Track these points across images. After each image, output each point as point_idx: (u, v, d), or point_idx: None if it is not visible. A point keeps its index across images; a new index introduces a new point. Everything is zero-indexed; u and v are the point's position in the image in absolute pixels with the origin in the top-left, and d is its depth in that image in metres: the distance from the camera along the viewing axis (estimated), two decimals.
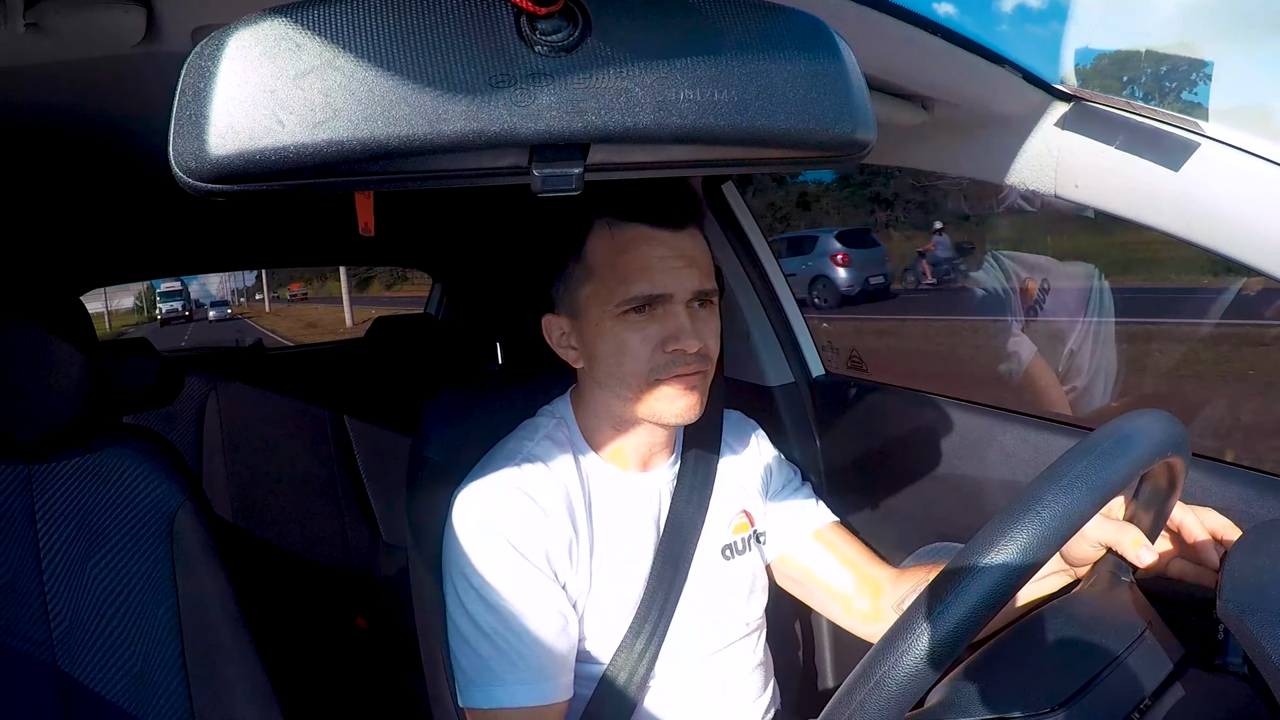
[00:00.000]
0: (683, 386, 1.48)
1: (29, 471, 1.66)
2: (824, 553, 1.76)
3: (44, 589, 1.64)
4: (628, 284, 1.45)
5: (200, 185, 0.64)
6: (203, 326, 41.42)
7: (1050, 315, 3.11)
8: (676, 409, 1.49)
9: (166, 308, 49.91)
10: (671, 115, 0.69)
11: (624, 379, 1.49)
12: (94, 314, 2.37)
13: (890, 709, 0.84)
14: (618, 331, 1.46)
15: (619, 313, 1.46)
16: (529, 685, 1.43)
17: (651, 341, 1.46)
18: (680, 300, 1.46)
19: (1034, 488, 0.91)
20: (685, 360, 1.46)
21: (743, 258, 2.34)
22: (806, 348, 2.38)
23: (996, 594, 0.85)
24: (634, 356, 1.46)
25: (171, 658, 1.69)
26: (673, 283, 1.45)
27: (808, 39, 0.76)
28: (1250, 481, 1.49)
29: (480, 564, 1.45)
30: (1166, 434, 1.04)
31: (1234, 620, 0.95)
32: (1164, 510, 1.23)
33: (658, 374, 1.47)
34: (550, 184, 0.71)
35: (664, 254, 1.46)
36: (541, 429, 1.62)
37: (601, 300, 1.47)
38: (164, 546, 1.70)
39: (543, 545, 1.47)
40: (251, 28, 0.63)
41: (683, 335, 1.45)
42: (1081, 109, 1.43)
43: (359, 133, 0.63)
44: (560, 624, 1.48)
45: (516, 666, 1.43)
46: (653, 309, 1.46)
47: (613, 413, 1.57)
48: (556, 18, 0.67)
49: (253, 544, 3.56)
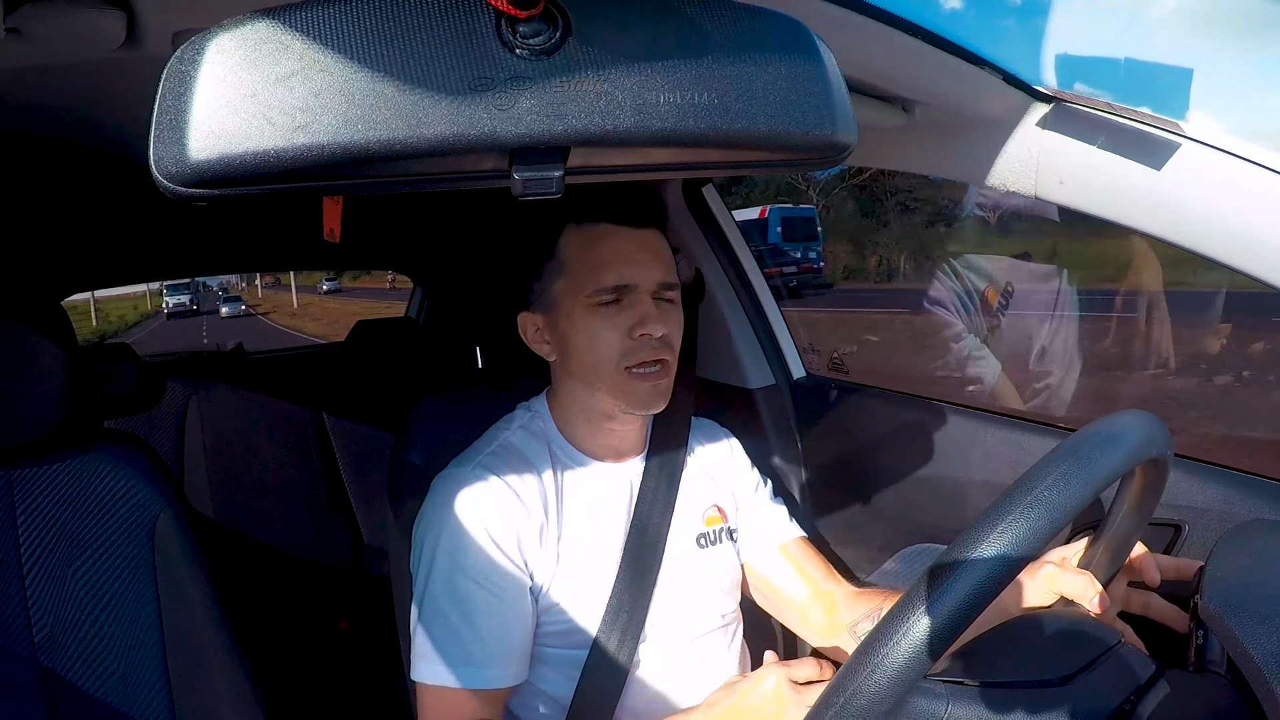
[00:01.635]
0: (649, 378, 1.56)
1: (10, 477, 1.65)
2: (786, 566, 1.79)
3: (25, 595, 1.64)
4: (598, 275, 1.54)
5: (181, 190, 0.64)
6: (216, 325, 38.49)
7: (1015, 318, 3.12)
8: (643, 398, 1.57)
9: (173, 301, 48.72)
10: (652, 118, 0.69)
11: (596, 367, 1.57)
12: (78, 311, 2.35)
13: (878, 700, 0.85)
14: (590, 321, 1.55)
15: (591, 303, 1.54)
16: (476, 668, 1.45)
17: (621, 329, 1.54)
18: (645, 290, 1.56)
19: (1021, 484, 0.92)
20: (651, 345, 1.55)
21: (723, 260, 2.34)
22: (788, 350, 2.38)
23: (979, 594, 0.85)
24: (606, 343, 1.54)
25: (154, 662, 1.68)
26: (639, 274, 1.55)
27: (788, 41, 0.76)
28: (1231, 481, 1.50)
29: (448, 546, 1.50)
30: (1151, 434, 1.04)
31: (1215, 619, 0.96)
32: (1124, 547, 1.25)
33: (627, 360, 1.55)
34: (531, 187, 0.71)
35: (631, 248, 1.57)
36: (517, 420, 1.70)
37: (574, 292, 1.56)
38: (145, 551, 1.70)
39: (514, 529, 1.52)
40: (231, 32, 0.63)
41: (649, 320, 1.54)
42: (1062, 110, 1.44)
43: (339, 137, 0.63)
44: (517, 613, 1.52)
45: (468, 650, 1.46)
46: (621, 299, 1.55)
47: (584, 404, 1.63)
48: (537, 21, 0.67)
49: (234, 548, 3.55)
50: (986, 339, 3.17)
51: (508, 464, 1.58)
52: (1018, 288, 3.25)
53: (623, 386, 1.56)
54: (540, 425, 1.68)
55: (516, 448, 1.62)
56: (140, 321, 50.35)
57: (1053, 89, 1.44)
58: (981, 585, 0.85)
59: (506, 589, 1.50)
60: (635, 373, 1.55)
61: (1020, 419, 1.85)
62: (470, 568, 1.48)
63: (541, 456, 1.62)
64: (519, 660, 1.51)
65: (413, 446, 1.76)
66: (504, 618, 1.49)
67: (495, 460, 1.58)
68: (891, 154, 1.75)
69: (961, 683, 0.98)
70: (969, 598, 0.84)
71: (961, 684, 0.97)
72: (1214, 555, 1.09)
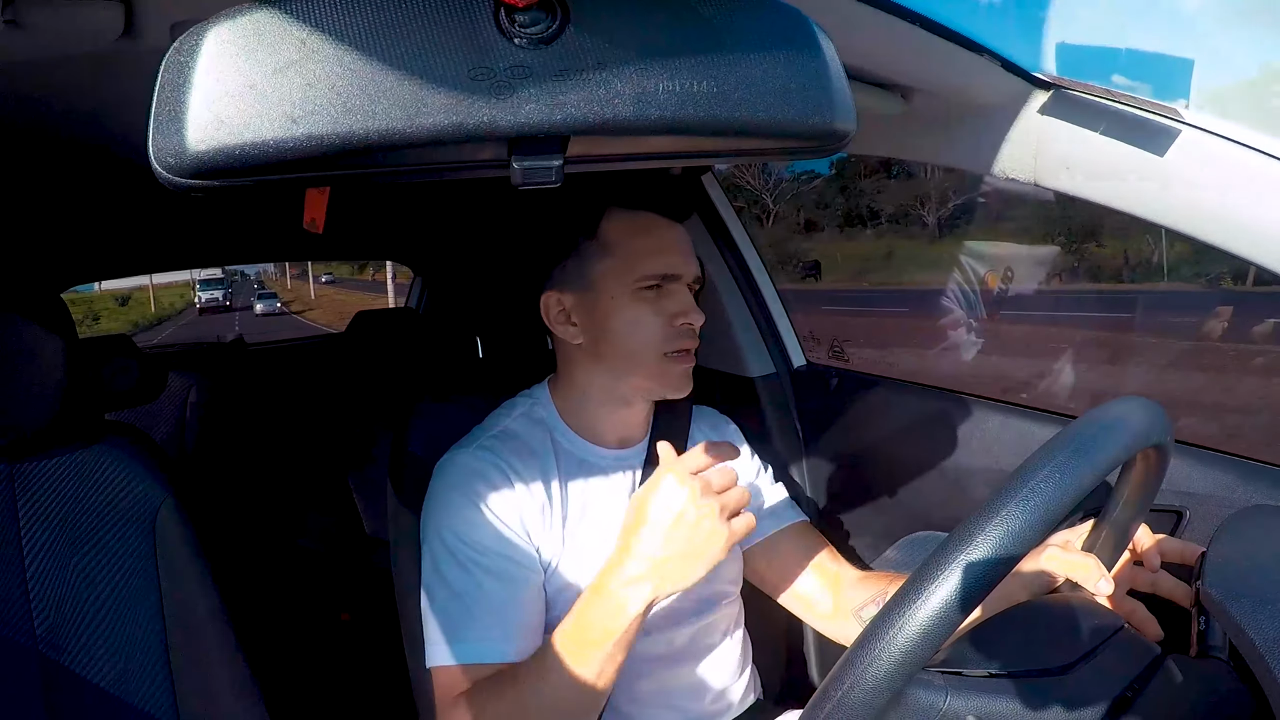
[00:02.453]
0: (683, 364, 1.61)
1: (10, 470, 1.65)
2: (788, 552, 1.79)
3: (27, 587, 1.64)
4: (648, 262, 1.58)
5: (180, 181, 0.64)
6: (249, 325, 34.65)
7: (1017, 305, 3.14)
8: (674, 384, 1.61)
9: (206, 296, 47.72)
10: (651, 107, 0.69)
11: (634, 351, 1.59)
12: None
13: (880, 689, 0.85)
14: (634, 305, 1.58)
15: (636, 288, 1.57)
16: (493, 643, 1.44)
17: (664, 315, 1.58)
18: (686, 281, 1.62)
19: (1020, 474, 0.91)
20: (689, 334, 1.60)
21: (723, 249, 2.34)
22: (788, 338, 2.38)
23: (977, 586, 0.85)
24: (649, 328, 1.58)
25: (155, 654, 1.69)
26: (683, 266, 1.61)
27: (786, 29, 0.76)
28: (1232, 467, 1.50)
29: (455, 522, 1.51)
30: (1150, 422, 1.04)
31: (1216, 605, 0.96)
32: (1128, 531, 1.24)
33: (668, 346, 1.58)
34: (530, 177, 0.71)
35: (675, 240, 1.63)
36: (519, 407, 1.71)
37: (618, 275, 1.58)
38: (147, 543, 1.70)
39: (517, 507, 1.54)
40: (229, 23, 0.63)
41: (691, 311, 1.59)
42: (1061, 97, 1.43)
43: (338, 127, 0.63)
44: (528, 588, 1.52)
45: (483, 624, 1.45)
46: (664, 287, 1.59)
47: (602, 388, 1.65)
48: (535, 10, 0.67)
49: (235, 540, 3.55)
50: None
51: (509, 447, 1.59)
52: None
53: (661, 369, 1.59)
54: (541, 412, 1.69)
55: (517, 433, 1.64)
56: (183, 310, 49.79)
57: (1052, 75, 1.44)
58: (979, 576, 0.85)
59: (516, 562, 1.50)
60: (672, 356, 1.59)
61: (1021, 406, 1.85)
62: (477, 544, 1.49)
63: (543, 442, 1.63)
64: (532, 635, 1.50)
65: (413, 436, 1.76)
66: (515, 591, 1.49)
67: (496, 443, 1.60)
68: (890, 141, 1.75)
69: (960, 673, 0.97)
70: (966, 589, 0.84)
71: (960, 675, 0.97)
72: (1215, 541, 1.09)
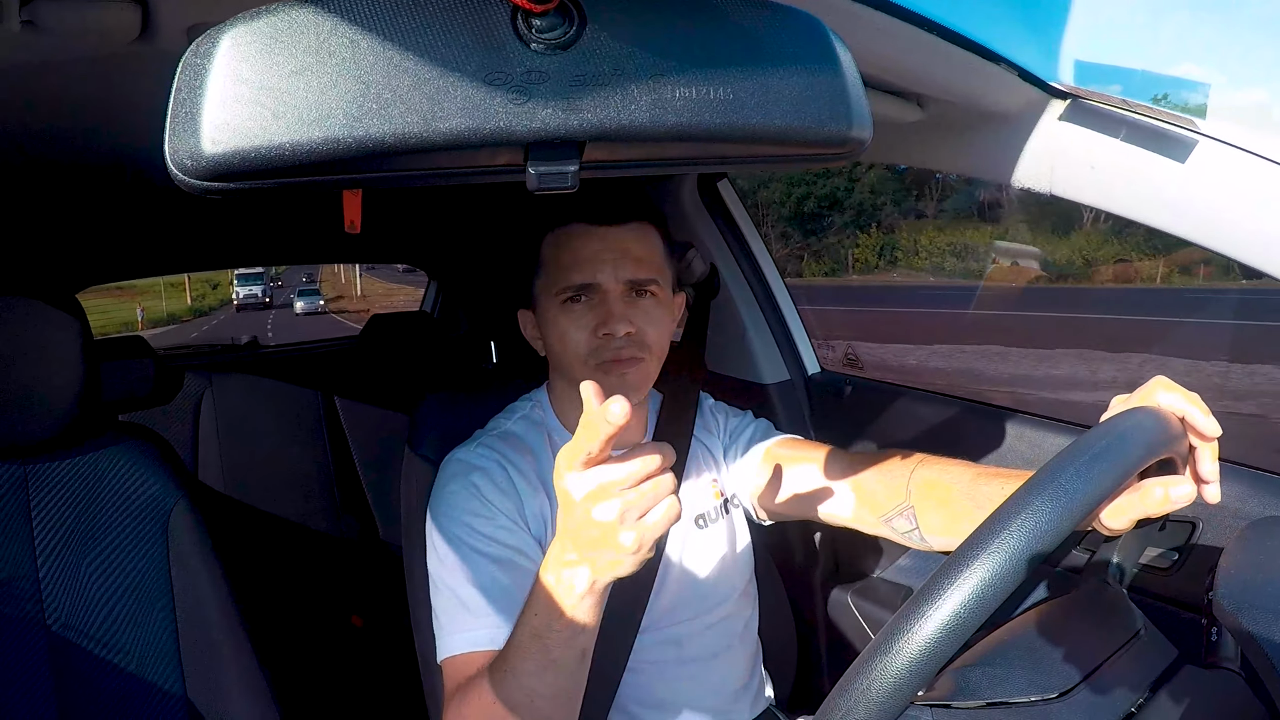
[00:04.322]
0: (616, 373, 1.57)
1: (24, 471, 1.66)
2: (785, 462, 1.72)
3: (40, 588, 1.64)
4: (565, 274, 1.58)
5: (196, 183, 0.64)
6: (284, 327, 32.90)
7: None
8: (611, 392, 1.52)
9: (244, 292, 46.43)
10: (667, 113, 0.69)
11: (569, 363, 1.60)
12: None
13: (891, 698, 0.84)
14: (559, 319, 1.59)
15: (559, 301, 1.58)
16: (498, 629, 1.43)
17: (586, 328, 1.57)
18: (613, 290, 1.58)
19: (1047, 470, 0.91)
20: (617, 344, 1.56)
21: (738, 255, 2.34)
22: (802, 345, 2.39)
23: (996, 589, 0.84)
24: (573, 341, 1.58)
25: (167, 654, 1.69)
26: (602, 273, 1.57)
27: (803, 36, 0.76)
28: (1245, 479, 1.49)
29: (459, 513, 1.52)
30: (1163, 432, 1.03)
31: (1228, 616, 0.96)
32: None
33: (596, 358, 1.57)
34: (546, 182, 0.71)
35: (598, 248, 1.58)
36: (519, 410, 1.75)
37: (546, 290, 1.61)
38: (159, 544, 1.70)
39: (515, 502, 1.56)
40: (246, 25, 0.63)
41: (611, 320, 1.55)
42: (1078, 106, 1.43)
43: (354, 130, 0.63)
44: (531, 571, 1.48)
45: (493, 610, 1.45)
46: (588, 298, 1.58)
47: (571, 395, 1.63)
48: (552, 15, 0.67)
49: (248, 541, 3.56)
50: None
51: (509, 446, 1.62)
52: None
53: (591, 380, 1.55)
54: (540, 414, 1.72)
55: (517, 435, 1.67)
56: (219, 307, 49.37)
57: (1068, 85, 1.43)
58: (996, 580, 0.84)
59: (519, 551, 1.51)
60: (603, 369, 1.57)
61: (1035, 415, 1.85)
62: (480, 534, 1.50)
63: (541, 444, 1.66)
64: None
65: (423, 439, 1.76)
66: (520, 579, 1.47)
67: (497, 442, 1.63)
68: (906, 149, 1.75)
69: (949, 706, 0.96)
70: (982, 593, 0.84)
71: (949, 707, 0.96)
72: (1228, 552, 1.09)
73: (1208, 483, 1.10)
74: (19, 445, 1.64)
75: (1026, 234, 22.45)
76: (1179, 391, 1.11)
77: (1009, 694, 0.97)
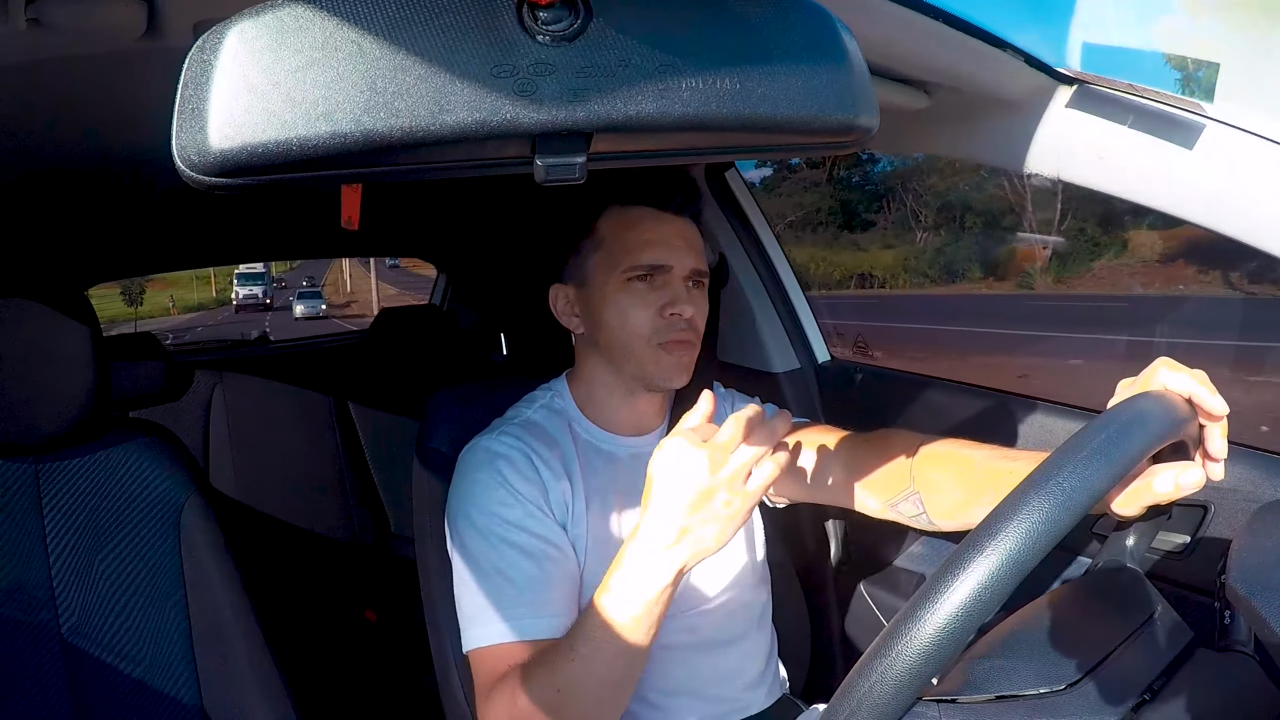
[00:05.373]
0: (675, 354, 1.61)
1: (36, 469, 1.66)
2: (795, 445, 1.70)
3: (52, 585, 1.65)
4: (634, 254, 1.60)
5: (204, 179, 0.64)
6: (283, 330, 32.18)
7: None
8: (667, 373, 1.61)
9: (244, 292, 44.83)
10: (674, 104, 0.69)
11: (625, 342, 1.61)
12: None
13: (904, 687, 0.84)
14: (622, 297, 1.60)
15: (624, 279, 1.60)
16: (529, 619, 1.44)
17: (652, 306, 1.59)
18: (678, 274, 1.62)
19: (1051, 462, 0.91)
20: (680, 325, 1.60)
21: (747, 244, 2.34)
22: (812, 333, 2.38)
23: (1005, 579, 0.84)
24: (636, 319, 1.59)
25: (180, 650, 1.70)
26: (673, 257, 1.61)
27: (809, 25, 0.76)
28: (1257, 463, 1.49)
29: (485, 501, 1.52)
30: (1174, 416, 1.03)
31: (1241, 600, 0.95)
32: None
33: (658, 338, 1.59)
34: (553, 174, 0.71)
35: (667, 231, 1.63)
36: (539, 400, 1.74)
37: (609, 267, 1.61)
38: (171, 540, 1.71)
39: (540, 489, 1.55)
40: (252, 21, 0.62)
41: (679, 301, 1.59)
42: (1085, 92, 1.43)
43: (361, 125, 0.63)
44: (559, 560, 1.52)
45: (519, 602, 1.45)
46: (654, 278, 1.60)
47: (608, 379, 1.67)
48: (558, 7, 0.66)
49: (260, 537, 3.56)
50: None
51: (531, 434, 1.61)
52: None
53: (652, 358, 1.59)
54: (561, 403, 1.72)
55: (537, 423, 1.67)
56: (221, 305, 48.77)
57: (1075, 71, 1.43)
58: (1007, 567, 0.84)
59: (545, 539, 1.51)
60: (663, 348, 1.59)
61: (1045, 401, 1.85)
62: (506, 521, 1.49)
63: (562, 432, 1.66)
64: (567, 612, 1.49)
65: (435, 432, 1.76)
66: (546, 568, 1.48)
67: (518, 430, 1.62)
68: (913, 137, 1.75)
69: (955, 700, 0.96)
70: (993, 581, 0.83)
71: (955, 702, 0.96)
72: (1240, 535, 1.08)
73: (1217, 461, 1.12)
74: (30, 443, 1.64)
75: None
76: (1184, 371, 1.11)
77: (1018, 687, 0.96)
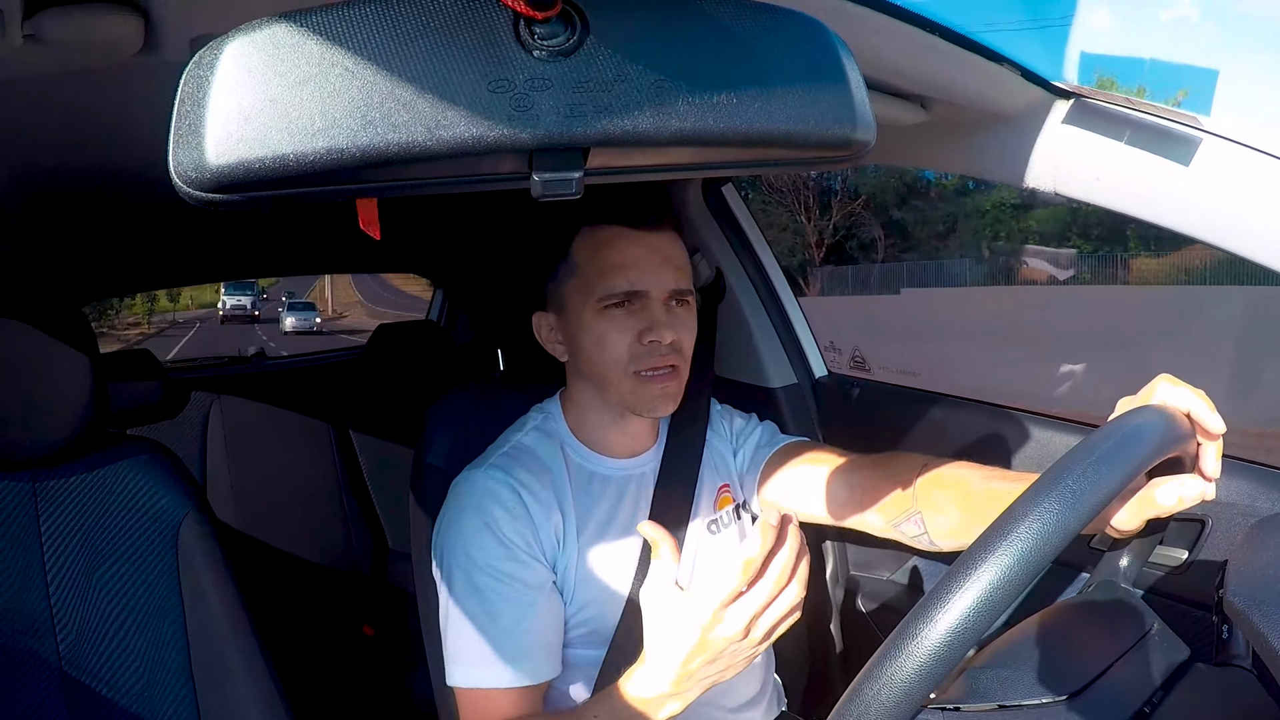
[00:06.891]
0: (658, 382, 1.56)
1: (33, 487, 1.66)
2: (793, 465, 1.72)
3: (50, 601, 1.65)
4: (608, 279, 1.54)
5: (200, 195, 0.63)
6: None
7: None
8: (651, 403, 1.57)
9: (231, 302, 42.65)
10: (671, 118, 0.69)
11: (604, 370, 1.57)
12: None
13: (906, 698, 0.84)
14: (598, 324, 1.55)
15: (600, 307, 1.54)
16: (505, 666, 1.44)
17: (629, 333, 1.54)
18: (657, 296, 1.55)
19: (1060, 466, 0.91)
20: (661, 351, 1.54)
21: (744, 259, 2.34)
22: (809, 348, 2.38)
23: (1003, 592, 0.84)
24: (613, 347, 1.54)
25: (179, 667, 1.69)
26: (648, 280, 1.55)
27: (806, 40, 0.76)
28: (1256, 476, 1.49)
29: (470, 546, 1.50)
30: (1171, 431, 1.03)
31: (1239, 614, 0.95)
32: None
33: (636, 365, 1.55)
34: (550, 189, 0.71)
35: (641, 253, 1.56)
36: (530, 422, 1.70)
37: (583, 294, 1.56)
38: (169, 557, 1.71)
39: (529, 526, 1.52)
40: (249, 36, 0.62)
41: (657, 327, 1.53)
42: (1082, 106, 1.43)
43: (358, 140, 0.62)
44: (543, 608, 1.51)
45: (496, 648, 1.45)
46: (631, 304, 1.55)
47: (595, 403, 1.64)
48: (554, 22, 0.66)
49: (258, 553, 3.56)
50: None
51: (521, 464, 1.58)
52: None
53: (631, 389, 1.56)
54: (553, 426, 1.69)
55: (529, 448, 1.63)
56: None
57: (1072, 85, 1.43)
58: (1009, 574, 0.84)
59: (528, 584, 1.49)
60: (644, 375, 1.55)
61: (1044, 415, 1.84)
62: (488, 566, 1.48)
63: (554, 457, 1.63)
64: (550, 655, 1.50)
65: (432, 450, 1.76)
66: (529, 612, 1.48)
67: (508, 461, 1.58)
68: (910, 151, 1.75)
69: (958, 709, 0.96)
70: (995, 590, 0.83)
71: (959, 710, 0.96)
72: (1238, 549, 1.09)
73: (1210, 480, 1.13)
74: (27, 459, 1.64)
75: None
76: (1184, 388, 1.11)
77: (1020, 696, 0.97)
